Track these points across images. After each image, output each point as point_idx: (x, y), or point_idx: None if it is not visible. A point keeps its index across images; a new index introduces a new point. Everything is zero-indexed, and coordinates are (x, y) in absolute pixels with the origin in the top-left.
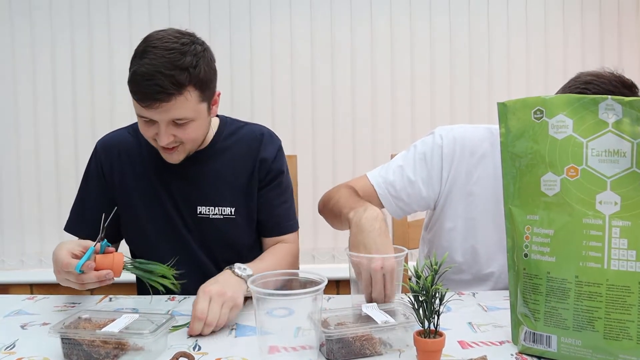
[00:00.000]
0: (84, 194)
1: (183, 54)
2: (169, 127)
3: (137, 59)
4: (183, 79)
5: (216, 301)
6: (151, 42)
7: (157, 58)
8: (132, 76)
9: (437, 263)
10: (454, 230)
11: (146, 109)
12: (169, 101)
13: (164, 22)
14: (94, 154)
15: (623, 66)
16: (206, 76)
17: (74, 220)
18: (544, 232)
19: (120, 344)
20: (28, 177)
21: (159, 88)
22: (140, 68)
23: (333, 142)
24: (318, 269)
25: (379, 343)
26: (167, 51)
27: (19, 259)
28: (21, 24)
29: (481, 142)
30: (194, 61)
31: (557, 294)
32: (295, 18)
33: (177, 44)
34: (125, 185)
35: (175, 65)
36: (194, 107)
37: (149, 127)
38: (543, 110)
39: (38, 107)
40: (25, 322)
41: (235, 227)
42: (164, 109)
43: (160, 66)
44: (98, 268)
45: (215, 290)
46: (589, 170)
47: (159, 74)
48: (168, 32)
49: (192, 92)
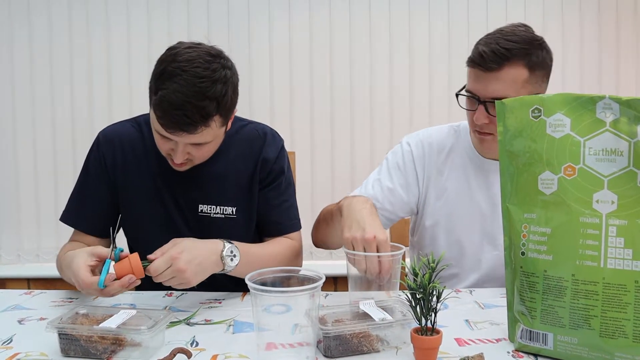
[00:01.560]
0: (83, 185)
1: (214, 82)
2: (186, 147)
3: (165, 80)
4: (212, 109)
5: (171, 274)
6: (181, 64)
7: (188, 86)
8: (160, 102)
9: (435, 261)
10: (435, 226)
11: (169, 133)
12: (195, 132)
13: (163, 19)
14: (95, 145)
15: (620, 66)
16: (232, 103)
17: (72, 212)
18: (541, 230)
19: (117, 339)
20: (25, 172)
21: (187, 120)
22: (170, 95)
23: (332, 139)
24: (315, 266)
25: (377, 340)
26: (199, 79)
27: (16, 253)
28: (19, 19)
29: (446, 139)
30: (223, 90)
31: (553, 292)
32: (294, 15)
33: (208, 71)
34: (126, 179)
35: (206, 96)
36: (215, 133)
37: (165, 143)
38: (541, 109)
39: (36, 103)
40: (22, 317)
41: (236, 226)
42: (186, 137)
43: (190, 95)
44: (119, 276)
45: (182, 264)
46: (586, 169)
47: (189, 105)
48: (199, 54)
49: (217, 120)
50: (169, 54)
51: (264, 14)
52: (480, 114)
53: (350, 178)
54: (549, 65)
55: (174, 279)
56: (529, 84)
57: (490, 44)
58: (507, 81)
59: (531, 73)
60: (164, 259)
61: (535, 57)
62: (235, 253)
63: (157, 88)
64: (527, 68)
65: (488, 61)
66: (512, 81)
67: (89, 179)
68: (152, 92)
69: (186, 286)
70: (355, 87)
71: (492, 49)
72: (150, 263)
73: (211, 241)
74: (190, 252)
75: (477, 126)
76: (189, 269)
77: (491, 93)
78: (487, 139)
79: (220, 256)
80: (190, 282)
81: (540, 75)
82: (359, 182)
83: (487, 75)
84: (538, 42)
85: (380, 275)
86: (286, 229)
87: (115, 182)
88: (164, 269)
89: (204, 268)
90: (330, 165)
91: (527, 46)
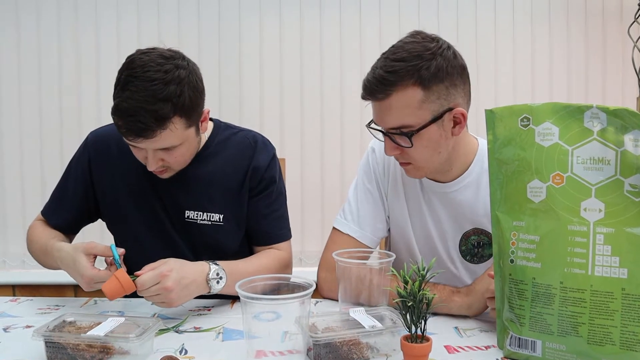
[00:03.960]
0: (65, 183)
1: (166, 83)
2: (156, 153)
3: (119, 90)
4: (167, 111)
5: (157, 291)
6: (133, 70)
7: (139, 91)
8: (115, 111)
9: (425, 268)
10: (404, 228)
11: (129, 141)
12: (153, 137)
13: (153, 22)
14: (84, 146)
15: (607, 71)
16: (192, 102)
17: (50, 207)
18: (530, 238)
19: (105, 347)
20: (11, 177)
21: (141, 125)
22: (122, 103)
23: (321, 145)
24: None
25: (366, 348)
26: (149, 82)
27: (1, 259)
28: (7, 17)
29: None
30: (177, 90)
31: (542, 300)
32: (284, 21)
33: (159, 73)
34: (114, 182)
35: (158, 99)
36: (180, 135)
37: (137, 152)
38: (530, 118)
39: (22, 108)
40: (7, 325)
41: (223, 234)
42: (148, 142)
43: (142, 101)
44: (110, 293)
45: (170, 283)
46: (574, 178)
47: (141, 110)
48: (151, 58)
49: (178, 121)
50: (125, 62)
51: (254, 20)
52: (387, 146)
53: (340, 183)
54: (453, 71)
55: (158, 296)
56: (429, 102)
57: (375, 70)
58: (399, 108)
59: (426, 90)
60: (153, 274)
61: (426, 70)
62: (222, 275)
63: (114, 97)
64: (420, 86)
65: (373, 92)
66: (405, 106)
67: (70, 179)
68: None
69: (167, 306)
70: (345, 92)
71: (376, 75)
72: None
73: (198, 263)
74: (179, 272)
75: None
76: (175, 289)
77: (388, 123)
78: (409, 169)
79: (206, 279)
80: (172, 302)
81: (440, 88)
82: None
83: (379, 105)
84: (429, 52)
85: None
86: (275, 238)
87: (99, 184)
88: (151, 285)
89: (190, 290)
90: (320, 172)
91: (416, 61)
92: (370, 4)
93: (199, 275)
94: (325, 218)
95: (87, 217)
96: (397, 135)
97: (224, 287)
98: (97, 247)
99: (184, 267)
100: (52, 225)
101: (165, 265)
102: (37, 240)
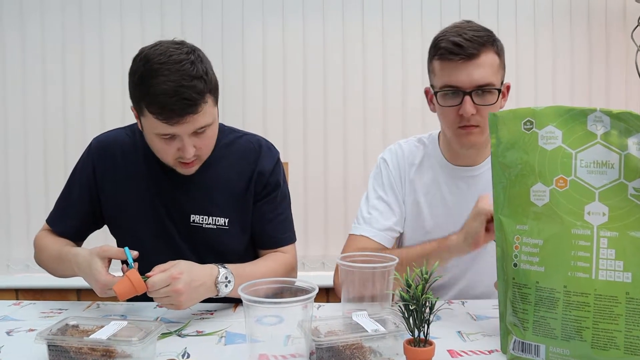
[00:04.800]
0: (69, 190)
1: (192, 63)
2: (191, 139)
3: (149, 80)
4: (202, 86)
5: (166, 293)
6: (157, 58)
7: (172, 73)
8: (153, 98)
9: (428, 272)
10: (411, 239)
11: (172, 126)
12: (198, 112)
13: (156, 25)
14: (87, 152)
15: (610, 74)
16: (216, 80)
17: (56, 215)
18: (533, 242)
19: (108, 351)
20: (15, 181)
21: (187, 102)
22: (161, 86)
23: (324, 148)
24: (308, 277)
25: (369, 351)
26: (178, 64)
27: (5, 263)
28: (12, 22)
29: (415, 152)
30: (203, 68)
31: (545, 304)
32: (287, 26)
33: (182, 55)
34: (118, 187)
35: (192, 76)
36: (212, 113)
37: (170, 144)
38: (533, 122)
39: (27, 112)
40: (10, 329)
41: (229, 238)
42: (191, 121)
43: (179, 80)
44: (121, 293)
45: (180, 285)
46: (578, 181)
47: (182, 88)
48: (166, 46)
49: (209, 98)
50: (138, 60)
51: (257, 26)
52: (468, 105)
53: (343, 189)
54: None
55: (167, 298)
56: (501, 69)
57: (461, 35)
58: (486, 66)
59: (500, 59)
60: (164, 276)
61: (499, 44)
62: (230, 279)
63: (145, 91)
64: (497, 54)
65: (468, 49)
66: (490, 66)
67: (74, 185)
68: (140, 99)
69: (175, 308)
70: (348, 97)
71: (467, 37)
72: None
73: (207, 266)
74: (189, 275)
75: (463, 121)
76: (186, 291)
77: (477, 80)
78: (475, 132)
79: (215, 282)
80: (181, 305)
81: (503, 61)
82: (352, 193)
83: (468, 64)
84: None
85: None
86: (280, 242)
87: (104, 190)
88: (162, 287)
89: (199, 293)
90: (323, 176)
91: (491, 34)
92: (373, 9)
93: (208, 278)
94: (328, 223)
95: (92, 224)
96: (477, 94)
97: (232, 290)
98: (111, 249)
99: (194, 270)
100: (58, 233)
101: (175, 268)
102: (48, 249)
